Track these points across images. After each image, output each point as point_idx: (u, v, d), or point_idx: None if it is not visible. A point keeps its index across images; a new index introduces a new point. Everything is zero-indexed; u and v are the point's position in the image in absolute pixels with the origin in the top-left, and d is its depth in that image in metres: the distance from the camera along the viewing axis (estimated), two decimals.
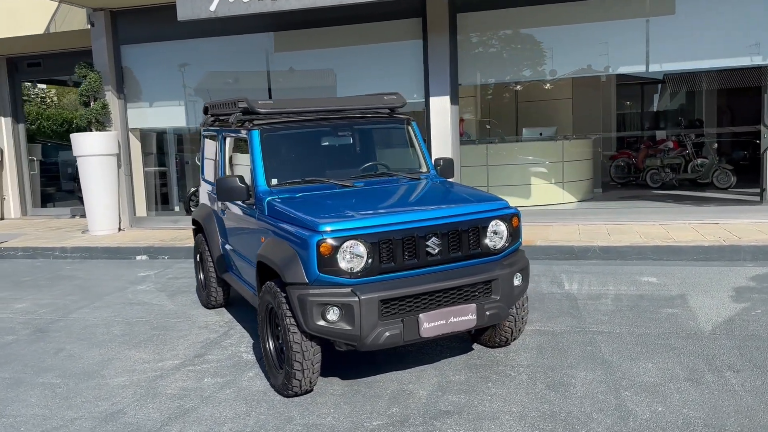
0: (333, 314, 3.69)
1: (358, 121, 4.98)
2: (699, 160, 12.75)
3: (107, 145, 10.07)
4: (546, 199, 10.49)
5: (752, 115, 14.66)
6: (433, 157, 9.03)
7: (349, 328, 3.68)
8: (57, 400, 4.21)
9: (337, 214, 3.89)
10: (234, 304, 6.11)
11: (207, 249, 5.87)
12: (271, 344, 4.22)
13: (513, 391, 3.94)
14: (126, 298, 6.74)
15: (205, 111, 6.09)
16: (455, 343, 4.79)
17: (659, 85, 18.08)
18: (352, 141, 5.06)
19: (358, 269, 3.73)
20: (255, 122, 4.74)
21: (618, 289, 6.00)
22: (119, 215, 10.36)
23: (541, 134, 11.09)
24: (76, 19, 10.68)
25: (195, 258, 6.33)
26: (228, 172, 5.38)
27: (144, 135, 11.02)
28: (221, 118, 5.64)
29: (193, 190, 11.04)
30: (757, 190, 9.42)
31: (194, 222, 6.29)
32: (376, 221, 3.80)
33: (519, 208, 4.36)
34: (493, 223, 4.10)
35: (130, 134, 10.63)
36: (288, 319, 3.81)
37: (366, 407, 3.83)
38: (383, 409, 3.79)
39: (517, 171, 10.55)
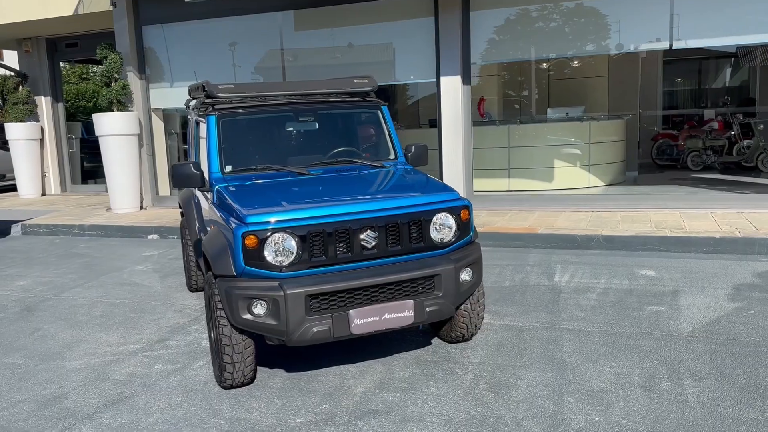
0: (259, 308, 3.60)
1: (323, 106, 4.84)
2: (745, 142, 12.00)
3: (128, 124, 10.26)
4: (569, 182, 10.07)
5: None
6: (444, 140, 8.81)
7: (275, 323, 3.59)
8: (11, 381, 4.31)
9: (268, 205, 3.78)
10: None
11: (187, 233, 5.88)
12: (213, 335, 4.18)
13: (452, 391, 3.77)
14: (120, 278, 6.86)
15: (189, 94, 6.08)
16: (414, 336, 4.64)
17: (717, 61, 17.07)
18: (317, 127, 4.92)
19: (287, 263, 3.63)
20: (215, 107, 4.67)
21: (609, 283, 5.69)
22: (141, 194, 10.58)
23: (567, 114, 10.64)
24: (104, 0, 10.88)
25: (182, 241, 6.37)
26: (198, 157, 5.36)
27: (167, 115, 11.18)
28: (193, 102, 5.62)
29: None
30: None
31: (180, 205, 6.32)
32: (305, 213, 3.68)
33: (538, 192, 4.13)
34: (439, 215, 3.91)
35: (153, 114, 10.80)
36: (218, 312, 3.75)
37: (297, 403, 3.75)
38: (313, 406, 3.70)
39: (540, 153, 10.16)
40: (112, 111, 10.25)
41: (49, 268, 7.48)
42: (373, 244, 3.77)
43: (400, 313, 3.76)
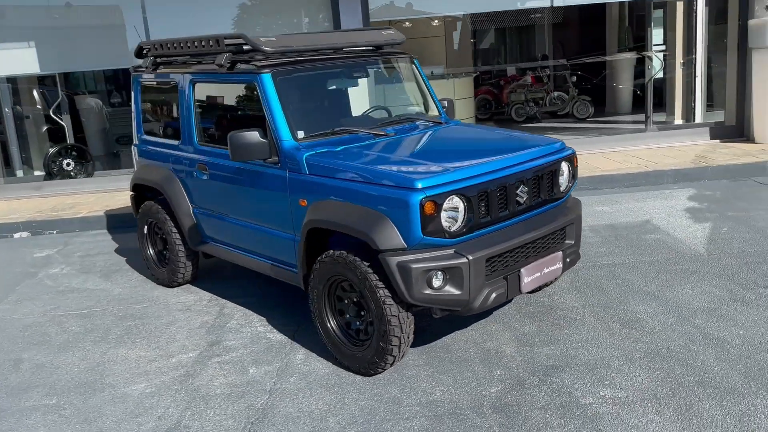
0: (438, 280, 3.29)
1: (369, 60, 4.44)
2: (556, 93, 13.56)
3: None
4: None
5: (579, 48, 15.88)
6: None
7: (457, 292, 3.30)
8: (75, 425, 3.35)
9: (425, 167, 3.43)
10: (203, 278, 5.32)
11: (168, 219, 4.98)
12: (333, 323, 3.70)
13: (596, 335, 3.86)
14: (45, 285, 5.57)
15: (140, 53, 5.08)
16: None
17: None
18: (366, 82, 4.50)
19: (455, 228, 3.35)
20: (261, 64, 4.01)
21: (585, 221, 6.17)
22: None
23: (432, 73, 10.99)
24: None
25: (142, 230, 5.36)
26: (197, 126, 4.56)
27: None
28: (178, 60, 4.74)
29: (53, 151, 9.42)
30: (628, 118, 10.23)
31: (138, 188, 5.31)
32: (471, 172, 3.41)
33: None
34: (563, 164, 3.91)
35: None
36: (381, 291, 3.33)
37: (466, 374, 3.53)
38: (486, 373, 3.52)
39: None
40: None
41: None
42: (525, 198, 3.65)
43: (553, 266, 3.73)
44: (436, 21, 12.23)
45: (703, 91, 10.20)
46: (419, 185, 3.24)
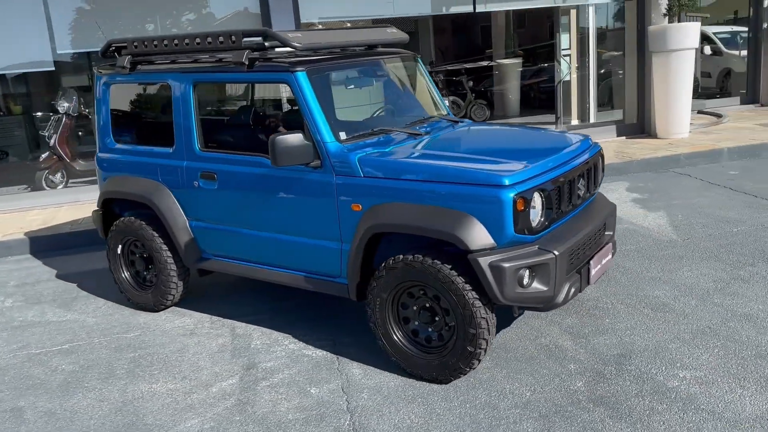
0: (527, 277, 3.24)
1: (388, 58, 4.29)
2: (452, 98, 13.99)
3: None
4: None
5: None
6: None
7: (544, 289, 3.27)
8: None
9: (500, 165, 3.36)
10: (186, 299, 4.84)
11: (156, 235, 4.48)
12: (399, 333, 3.52)
13: (636, 322, 3.98)
14: (24, 318, 4.79)
15: (110, 52, 4.55)
16: None
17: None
18: (384, 82, 4.34)
19: (538, 223, 3.33)
20: (292, 60, 3.73)
21: None
22: None
23: None
24: None
25: (114, 251, 4.77)
26: (198, 131, 4.16)
27: None
28: (164, 59, 4.29)
29: None
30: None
31: (109, 203, 4.74)
32: (546, 167, 3.40)
33: None
34: (601, 158, 4.02)
35: None
36: (470, 293, 3.22)
37: (542, 371, 3.50)
38: (561, 369, 3.51)
39: None
40: None
41: None
42: (583, 192, 3.71)
43: (608, 256, 3.82)
44: (348, 24, 12.15)
45: (596, 93, 11.02)
46: (507, 182, 3.18)
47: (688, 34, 8.75)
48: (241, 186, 4.03)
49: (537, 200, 3.29)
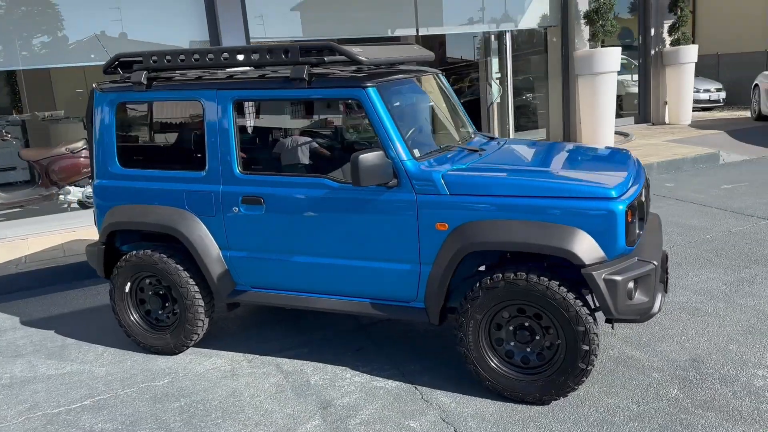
0: (633, 290, 3.26)
1: (426, 75, 4.20)
2: None
3: None
4: None
5: None
6: None
7: (646, 300, 3.30)
8: None
9: (597, 178, 3.37)
10: (206, 338, 4.39)
11: (182, 269, 4.03)
12: (495, 360, 3.40)
13: (681, 327, 4.13)
14: (12, 374, 4.09)
15: (117, 66, 4.09)
16: None
17: None
18: (433, 97, 4.23)
19: (635, 235, 3.36)
20: (361, 75, 3.55)
21: None
22: None
23: None
24: None
25: (122, 290, 4.23)
26: (238, 152, 3.83)
27: None
28: (188, 75, 3.92)
29: None
30: None
31: (113, 235, 4.21)
32: (630, 182, 3.46)
33: None
34: None
35: None
36: (581, 309, 3.18)
37: (630, 382, 3.53)
38: (645, 378, 3.56)
39: None
40: None
41: None
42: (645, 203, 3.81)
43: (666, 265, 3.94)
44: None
45: (513, 113, 11.53)
46: (614, 193, 3.20)
47: (612, 57, 9.41)
48: (296, 210, 3.73)
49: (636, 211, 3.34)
